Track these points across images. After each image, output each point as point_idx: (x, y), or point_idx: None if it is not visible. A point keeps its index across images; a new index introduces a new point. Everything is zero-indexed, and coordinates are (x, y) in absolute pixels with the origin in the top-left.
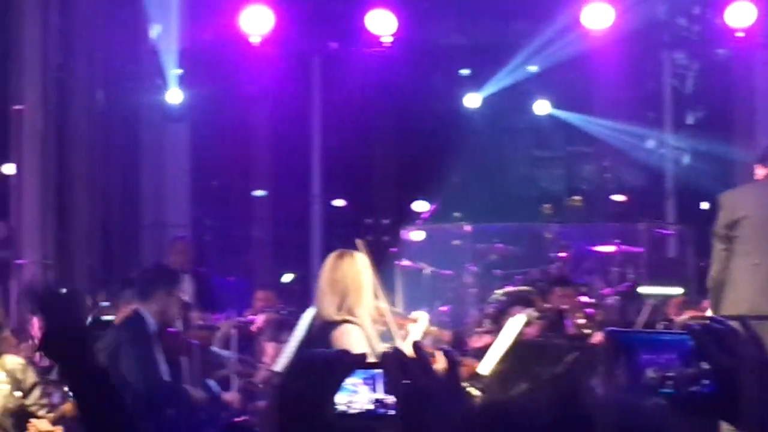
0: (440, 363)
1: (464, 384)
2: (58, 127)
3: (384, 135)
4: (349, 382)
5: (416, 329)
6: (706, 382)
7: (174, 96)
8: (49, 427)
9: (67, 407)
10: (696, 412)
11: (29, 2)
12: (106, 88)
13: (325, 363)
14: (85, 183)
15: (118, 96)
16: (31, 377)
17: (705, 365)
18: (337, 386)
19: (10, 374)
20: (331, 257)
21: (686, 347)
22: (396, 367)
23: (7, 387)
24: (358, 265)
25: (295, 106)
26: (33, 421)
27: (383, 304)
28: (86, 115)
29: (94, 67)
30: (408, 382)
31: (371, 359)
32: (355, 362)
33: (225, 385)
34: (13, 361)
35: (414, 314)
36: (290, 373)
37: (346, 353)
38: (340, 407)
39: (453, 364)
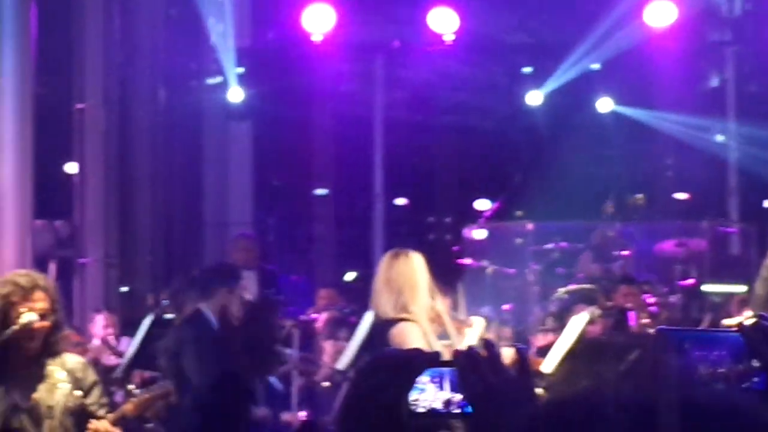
0: (507, 359)
1: None
2: (121, 126)
3: (446, 133)
4: (417, 380)
5: (472, 334)
6: (756, 379)
7: (236, 94)
8: (109, 427)
9: (128, 407)
10: None
11: (91, 2)
12: (168, 87)
13: (399, 361)
14: (148, 181)
15: (180, 94)
16: (91, 376)
17: (756, 363)
18: (410, 385)
19: (71, 373)
20: (386, 257)
21: (737, 344)
22: (468, 366)
23: (68, 386)
24: (413, 264)
25: (357, 104)
26: (93, 422)
27: (440, 306)
28: (148, 113)
29: (155, 65)
30: (480, 380)
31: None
32: (428, 360)
33: (286, 381)
34: (74, 360)
35: (471, 319)
36: (364, 371)
37: (419, 351)
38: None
39: (524, 363)
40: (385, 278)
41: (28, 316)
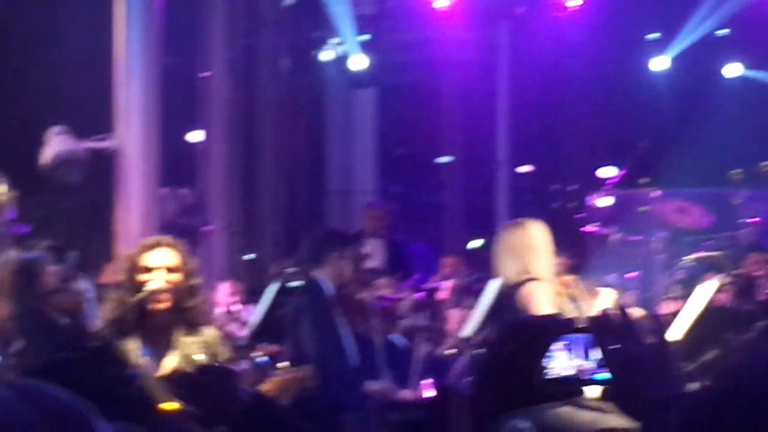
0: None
1: None
2: (245, 94)
3: (571, 100)
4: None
5: (601, 305)
6: None
7: (359, 62)
8: None
9: (267, 387)
10: None
11: None
12: (292, 55)
13: (534, 328)
14: (272, 149)
15: (304, 63)
16: (225, 352)
17: None
18: (545, 351)
19: (206, 345)
20: (505, 227)
21: None
22: (606, 333)
23: (203, 358)
24: (532, 231)
25: (482, 71)
26: None
27: (569, 276)
28: (272, 82)
29: (280, 33)
30: (618, 348)
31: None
32: (563, 327)
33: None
34: (209, 332)
35: (600, 290)
36: (500, 338)
37: (554, 318)
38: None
39: (660, 331)
40: (506, 246)
41: (153, 284)
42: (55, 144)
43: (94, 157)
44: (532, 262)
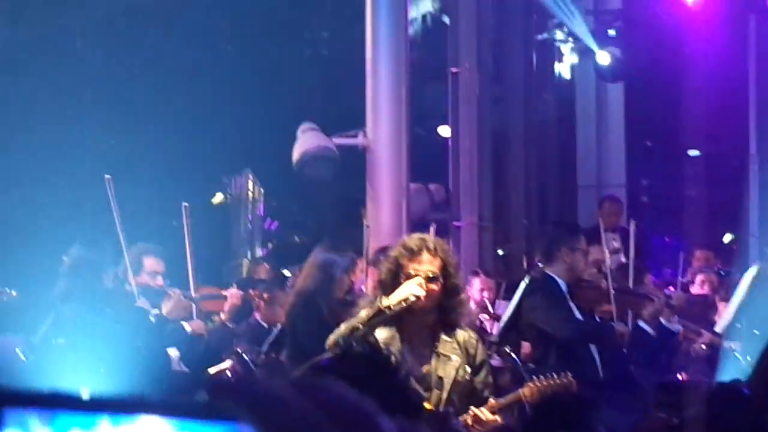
0: None
1: None
2: (494, 89)
3: None
4: None
5: None
6: None
7: (605, 57)
8: (490, 416)
9: (527, 392)
10: None
11: None
12: (539, 50)
13: None
14: (521, 144)
15: (552, 57)
16: (481, 354)
17: None
18: None
19: (463, 347)
20: None
21: None
22: None
23: (459, 360)
24: None
25: (730, 64)
26: (473, 409)
27: None
28: (521, 77)
29: (528, 29)
30: None
31: None
32: None
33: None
34: (467, 334)
35: None
36: None
37: None
38: None
39: None
40: None
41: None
42: (306, 140)
43: (345, 153)
44: None
